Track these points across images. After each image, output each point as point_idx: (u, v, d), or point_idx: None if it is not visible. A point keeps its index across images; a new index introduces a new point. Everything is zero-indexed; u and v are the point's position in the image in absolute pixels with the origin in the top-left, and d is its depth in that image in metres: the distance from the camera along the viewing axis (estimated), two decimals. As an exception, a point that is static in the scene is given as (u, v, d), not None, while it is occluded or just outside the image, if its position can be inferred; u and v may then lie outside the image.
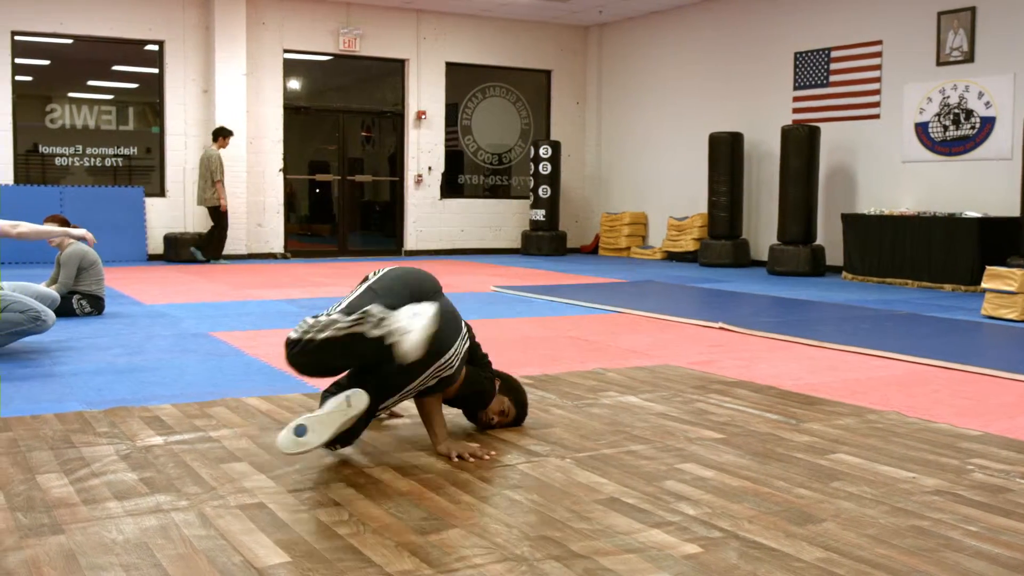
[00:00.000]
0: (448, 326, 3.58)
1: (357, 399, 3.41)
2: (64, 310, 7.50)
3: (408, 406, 4.30)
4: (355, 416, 3.41)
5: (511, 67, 16.47)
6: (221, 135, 13.43)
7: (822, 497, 3.20)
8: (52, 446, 3.73)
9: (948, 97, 11.46)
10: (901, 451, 3.80)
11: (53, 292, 6.83)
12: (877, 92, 12.29)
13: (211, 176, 13.16)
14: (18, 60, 13.18)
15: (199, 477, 3.35)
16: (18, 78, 13.22)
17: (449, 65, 15.88)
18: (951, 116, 11.43)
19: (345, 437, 3.50)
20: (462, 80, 16.16)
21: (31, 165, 13.49)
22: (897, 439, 3.99)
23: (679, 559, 2.64)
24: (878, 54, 12.25)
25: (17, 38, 13.13)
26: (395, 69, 15.65)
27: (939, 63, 11.56)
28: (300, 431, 3.34)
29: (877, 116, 12.30)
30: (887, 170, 12.18)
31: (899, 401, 4.80)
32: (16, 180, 13.11)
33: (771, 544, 2.76)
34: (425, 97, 15.68)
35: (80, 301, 7.59)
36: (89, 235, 6.73)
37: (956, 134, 11.39)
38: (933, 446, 3.88)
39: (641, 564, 2.60)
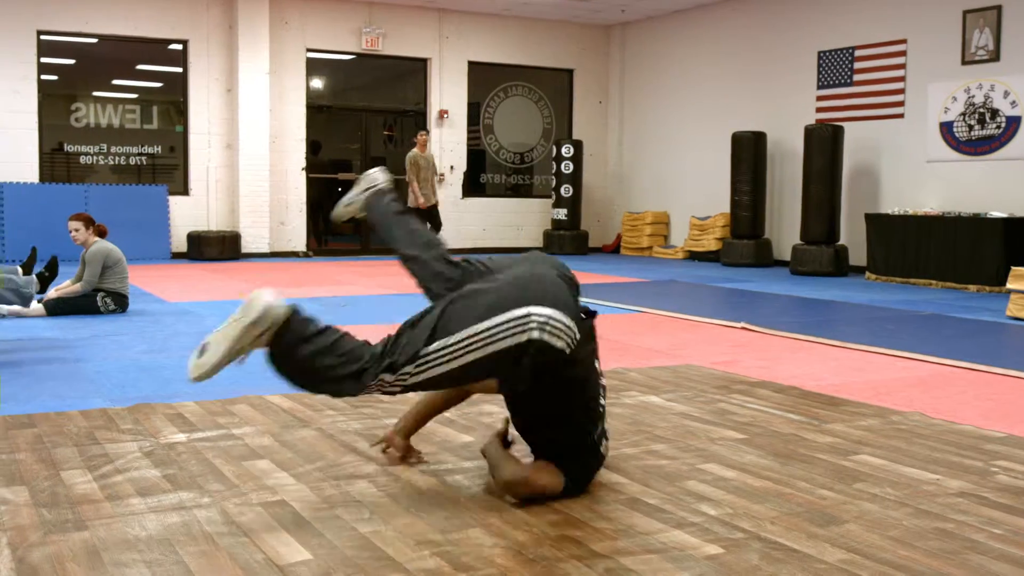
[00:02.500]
0: (509, 292, 2.95)
1: (256, 302, 2.97)
2: (88, 308, 7.55)
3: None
4: (250, 324, 2.97)
5: (533, 66, 16.46)
6: (416, 134, 13.53)
7: (845, 498, 3.18)
8: (76, 443, 3.76)
9: (973, 96, 11.37)
10: (925, 452, 3.77)
11: (31, 290, 6.68)
12: (901, 91, 12.21)
13: (435, 174, 13.46)
14: (44, 59, 13.28)
15: (221, 474, 3.37)
16: (44, 77, 13.31)
17: (471, 64, 15.88)
18: (976, 115, 11.34)
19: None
20: (484, 79, 16.16)
21: (56, 164, 13.58)
22: (921, 440, 3.96)
23: (701, 560, 2.64)
24: (902, 53, 12.17)
25: (43, 37, 13.22)
26: (417, 68, 15.67)
27: (964, 62, 11.48)
28: (201, 351, 3.07)
29: (901, 116, 12.22)
30: (911, 170, 12.10)
31: (923, 402, 4.77)
32: (41, 179, 13.20)
33: (793, 545, 2.75)
34: (447, 96, 15.70)
35: (104, 299, 7.64)
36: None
37: (981, 134, 11.31)
38: (957, 448, 3.85)
39: (663, 564, 2.60)
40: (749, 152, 13.50)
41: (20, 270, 6.76)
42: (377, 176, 3.70)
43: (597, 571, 2.54)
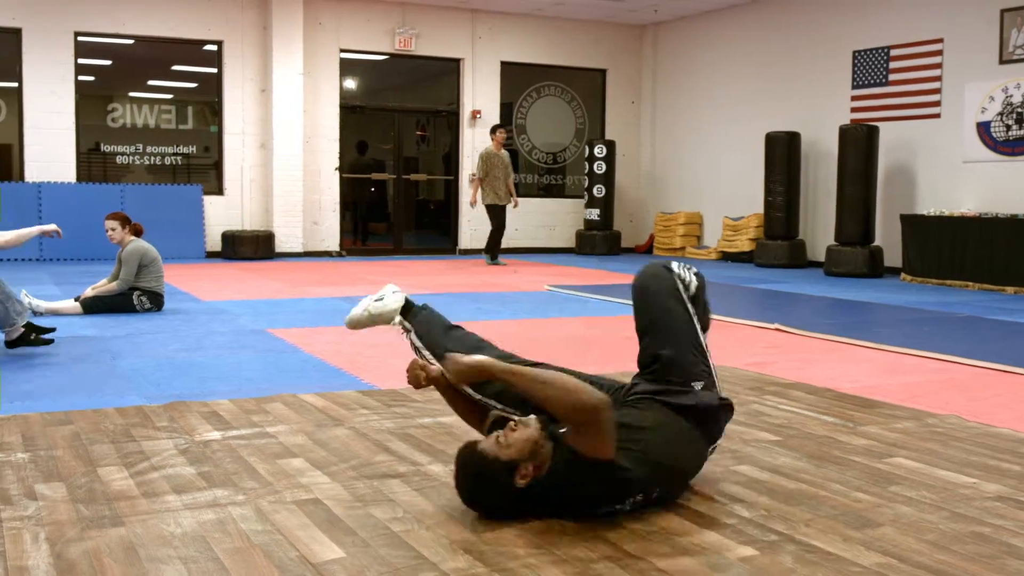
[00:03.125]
0: None
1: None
2: (124, 306, 7.62)
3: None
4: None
5: (566, 66, 16.44)
6: (492, 131, 13.57)
7: (880, 501, 3.15)
8: (113, 439, 3.80)
9: (1011, 96, 11.24)
10: (961, 456, 3.73)
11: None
12: (937, 91, 12.10)
13: (509, 175, 13.42)
14: (81, 60, 13.41)
15: (256, 472, 3.39)
16: (81, 78, 13.45)
17: (504, 64, 15.89)
18: (1014, 115, 11.21)
19: None
20: (517, 79, 16.16)
21: (93, 163, 13.72)
22: (957, 443, 3.92)
23: (734, 562, 2.63)
24: (939, 52, 12.06)
25: (80, 39, 13.36)
26: (450, 68, 15.69)
27: (1002, 61, 11.35)
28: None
29: (937, 115, 12.10)
30: (947, 170, 11.98)
31: (959, 405, 4.72)
32: (78, 178, 13.34)
33: (828, 548, 2.73)
34: (480, 96, 15.71)
35: (140, 297, 7.71)
36: (58, 229, 6.66)
37: (1019, 133, 11.18)
38: (994, 451, 3.81)
39: (696, 566, 2.59)
40: (783, 152, 13.42)
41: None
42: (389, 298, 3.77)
43: (630, 572, 2.53)
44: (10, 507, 2.98)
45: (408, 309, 3.68)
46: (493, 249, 13.44)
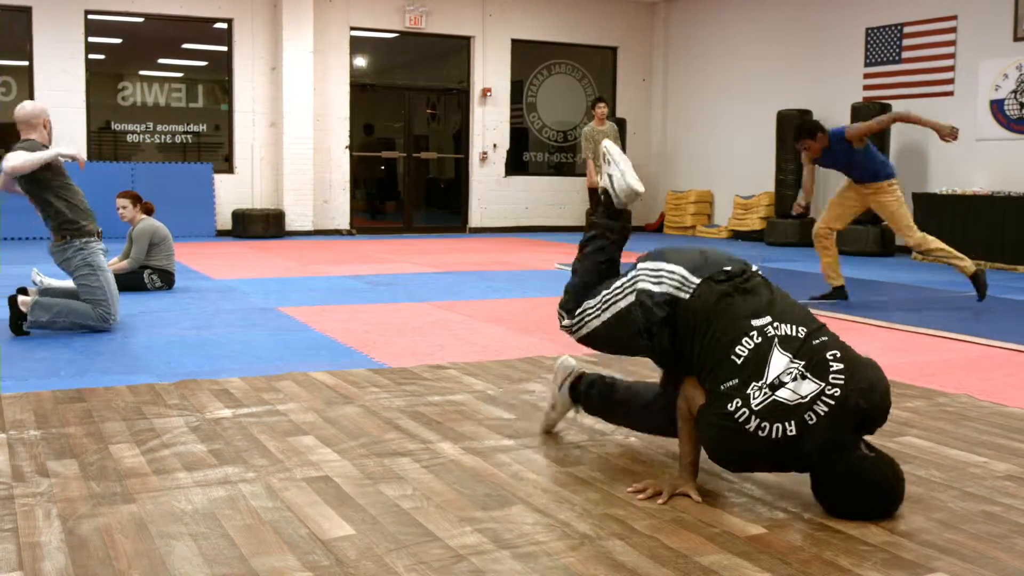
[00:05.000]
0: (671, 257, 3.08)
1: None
2: (135, 285, 7.64)
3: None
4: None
5: (577, 44, 16.37)
6: (592, 106, 12.69)
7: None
8: (124, 417, 3.81)
9: (1025, 74, 11.17)
10: (972, 435, 3.73)
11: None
12: (951, 69, 12.01)
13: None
14: (91, 39, 13.40)
15: (266, 450, 3.40)
16: (91, 56, 13.45)
17: (514, 42, 15.83)
18: (1028, 93, 11.14)
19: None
20: (527, 57, 16.10)
21: (103, 142, 13.74)
22: (968, 423, 3.91)
23: (743, 540, 2.63)
24: (952, 30, 11.97)
25: (91, 17, 13.35)
26: (461, 46, 15.64)
27: (1016, 39, 11.26)
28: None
29: (951, 93, 12.03)
30: (960, 148, 11.89)
31: (971, 384, 4.71)
32: (89, 157, 13.35)
33: (836, 527, 2.73)
34: (490, 74, 15.66)
35: (151, 276, 7.73)
36: (80, 156, 6.30)
37: (1033, 112, 11.11)
38: (1005, 430, 3.80)
39: (704, 544, 2.59)
40: (794, 130, 13.33)
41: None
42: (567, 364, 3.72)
43: (639, 550, 2.54)
44: (23, 484, 3.00)
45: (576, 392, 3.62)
46: None
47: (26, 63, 13.07)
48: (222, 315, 6.59)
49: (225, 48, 14.21)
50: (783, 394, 2.73)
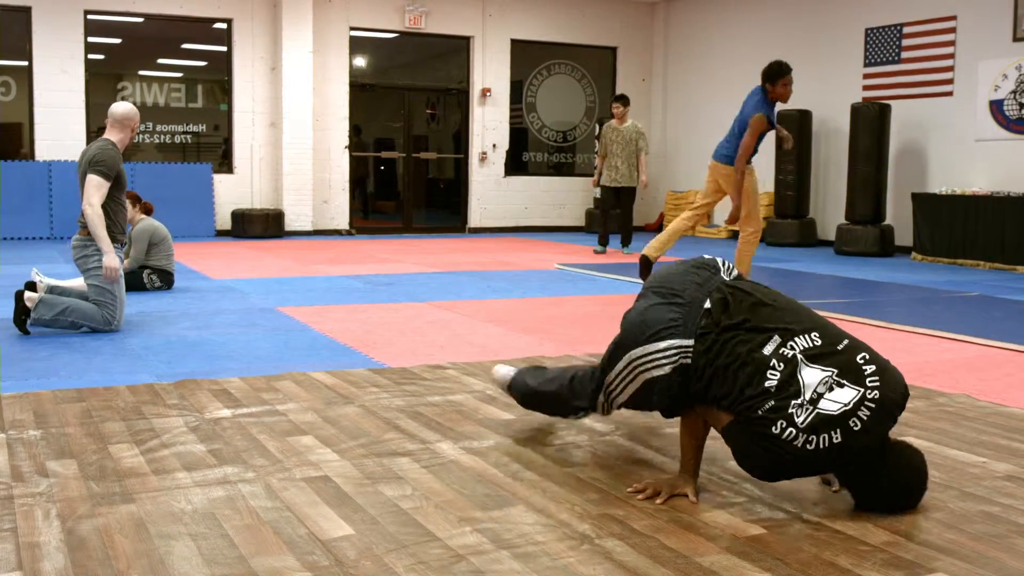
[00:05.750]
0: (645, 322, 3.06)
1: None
2: (135, 285, 7.64)
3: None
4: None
5: (576, 44, 16.37)
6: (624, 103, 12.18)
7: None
8: (124, 417, 3.81)
9: (1025, 74, 11.17)
10: (971, 435, 3.73)
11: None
12: (950, 69, 12.02)
13: (639, 150, 12.01)
14: (91, 39, 13.40)
15: (266, 450, 3.40)
16: (91, 56, 13.44)
17: (514, 42, 15.82)
18: (1028, 93, 11.15)
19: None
20: (527, 57, 16.10)
21: (103, 142, 13.71)
22: (967, 423, 3.92)
23: (743, 540, 2.63)
24: (952, 30, 11.97)
25: (90, 17, 13.34)
26: (460, 46, 15.64)
27: (1015, 39, 11.26)
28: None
29: (950, 93, 12.03)
30: (959, 149, 11.92)
31: (970, 384, 4.72)
32: (89, 156, 13.34)
33: (836, 526, 2.73)
34: (490, 74, 15.66)
35: (150, 276, 7.73)
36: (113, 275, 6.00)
37: (1033, 112, 11.11)
38: (1004, 430, 3.80)
39: (704, 544, 2.59)
40: (794, 130, 13.31)
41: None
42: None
43: (638, 550, 2.54)
44: (22, 484, 3.00)
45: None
46: (602, 237, 12.14)
47: (25, 63, 13.06)
48: (221, 315, 6.59)
49: (225, 48, 14.21)
50: (825, 406, 2.73)
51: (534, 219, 16.06)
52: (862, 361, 2.82)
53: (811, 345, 2.85)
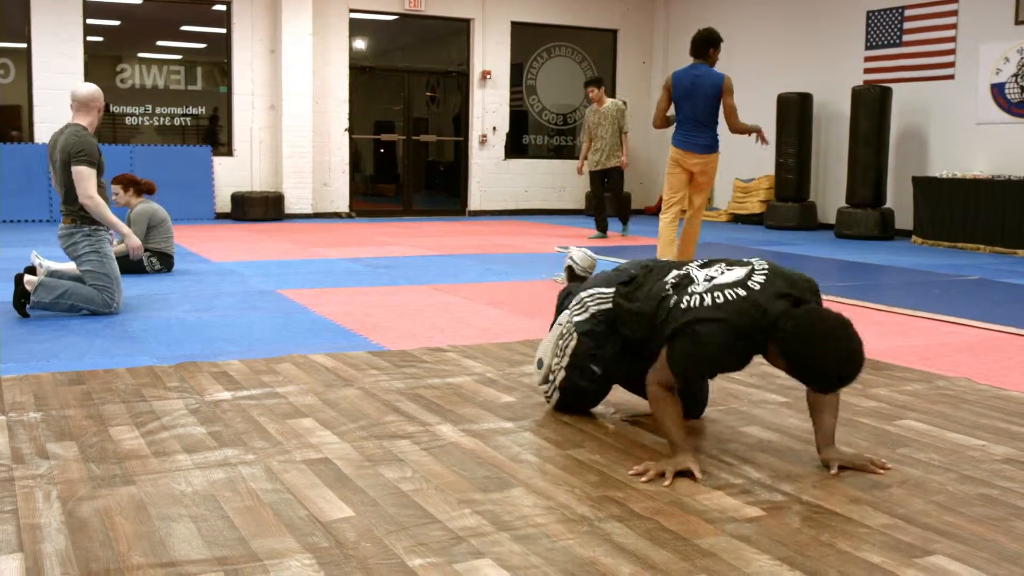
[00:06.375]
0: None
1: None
2: (134, 267, 7.64)
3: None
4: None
5: (577, 26, 16.31)
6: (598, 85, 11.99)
7: (888, 463, 3.16)
8: (124, 399, 3.82)
9: (1026, 57, 11.14)
10: (971, 418, 3.73)
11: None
12: (952, 52, 11.98)
13: (620, 130, 11.76)
14: (89, 21, 13.35)
15: (266, 432, 3.41)
16: (89, 39, 13.39)
17: (514, 24, 15.77)
18: (1029, 76, 11.12)
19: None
20: (527, 39, 16.04)
21: (102, 124, 13.62)
22: (967, 406, 3.92)
23: (742, 522, 2.64)
24: (953, 12, 11.93)
25: (89, -2, 13.31)
26: (460, 28, 15.59)
27: (1017, 22, 11.22)
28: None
29: (951, 77, 12.00)
30: (960, 132, 11.89)
31: (970, 368, 4.72)
32: (88, 139, 13.31)
33: (835, 509, 2.74)
34: (490, 57, 15.61)
35: (150, 259, 7.72)
36: (137, 253, 6.47)
37: (1034, 95, 11.08)
38: (1004, 414, 3.81)
39: (703, 526, 2.60)
40: (795, 114, 13.33)
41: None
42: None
43: (637, 532, 2.55)
44: (23, 466, 3.01)
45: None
46: (599, 223, 11.97)
47: (24, 45, 13.02)
48: (221, 298, 6.59)
49: (224, 30, 14.16)
50: (720, 280, 3.10)
51: (534, 202, 16.03)
52: (753, 261, 3.19)
53: (705, 263, 3.28)
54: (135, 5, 13.74)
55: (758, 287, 3.03)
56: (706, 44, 7.61)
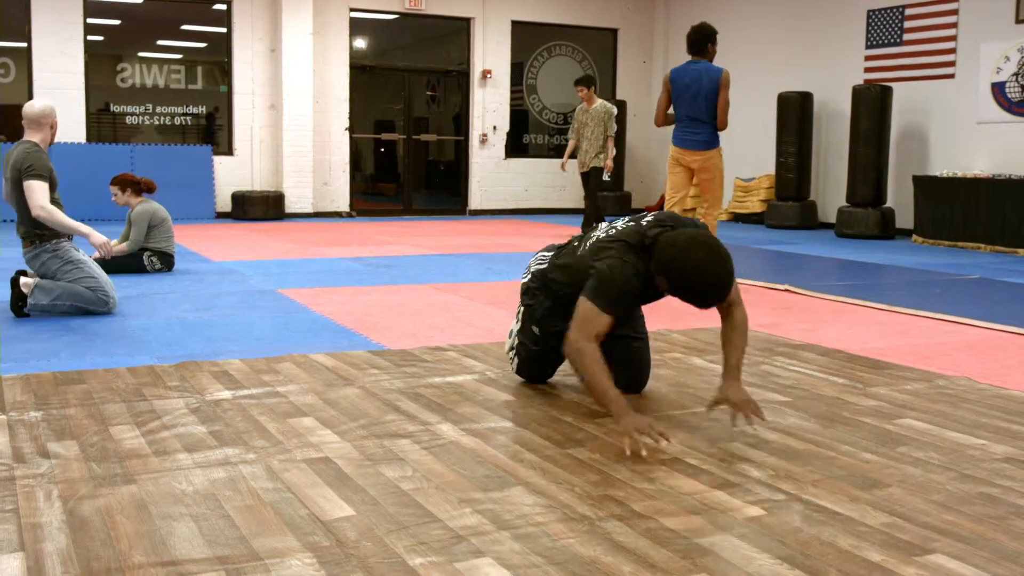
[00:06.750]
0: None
1: None
2: (135, 267, 7.64)
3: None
4: None
5: (577, 25, 16.31)
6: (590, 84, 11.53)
7: (888, 462, 3.16)
8: (124, 399, 3.82)
9: (1027, 56, 11.14)
10: (971, 417, 3.73)
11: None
12: (952, 51, 11.98)
13: (606, 131, 11.34)
14: (90, 20, 13.35)
15: (266, 431, 3.41)
16: (90, 38, 13.39)
17: (515, 23, 15.77)
18: (1030, 76, 11.12)
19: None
20: (527, 39, 16.05)
21: (103, 124, 13.70)
22: (967, 405, 3.92)
23: (742, 521, 2.64)
24: (954, 11, 11.92)
25: (89, -2, 13.31)
26: (461, 28, 15.59)
27: (1018, 21, 11.22)
28: None
29: (952, 76, 12.00)
30: (961, 131, 11.89)
31: (970, 367, 4.72)
32: (88, 139, 13.33)
33: (835, 508, 2.74)
34: (490, 56, 15.61)
35: (151, 258, 7.73)
36: (107, 248, 6.25)
37: (1034, 94, 11.08)
38: (1005, 413, 3.81)
39: (703, 525, 2.60)
40: (795, 113, 13.33)
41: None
42: None
43: (638, 531, 2.55)
44: (23, 465, 3.01)
45: None
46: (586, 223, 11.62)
47: (24, 44, 13.03)
48: (222, 297, 6.59)
49: (224, 30, 14.16)
50: (616, 224, 3.69)
51: (534, 201, 16.04)
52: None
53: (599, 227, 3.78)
54: (135, 4, 13.74)
55: (644, 222, 3.58)
56: (703, 40, 7.58)
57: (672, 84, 7.64)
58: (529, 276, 4.10)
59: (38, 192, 5.71)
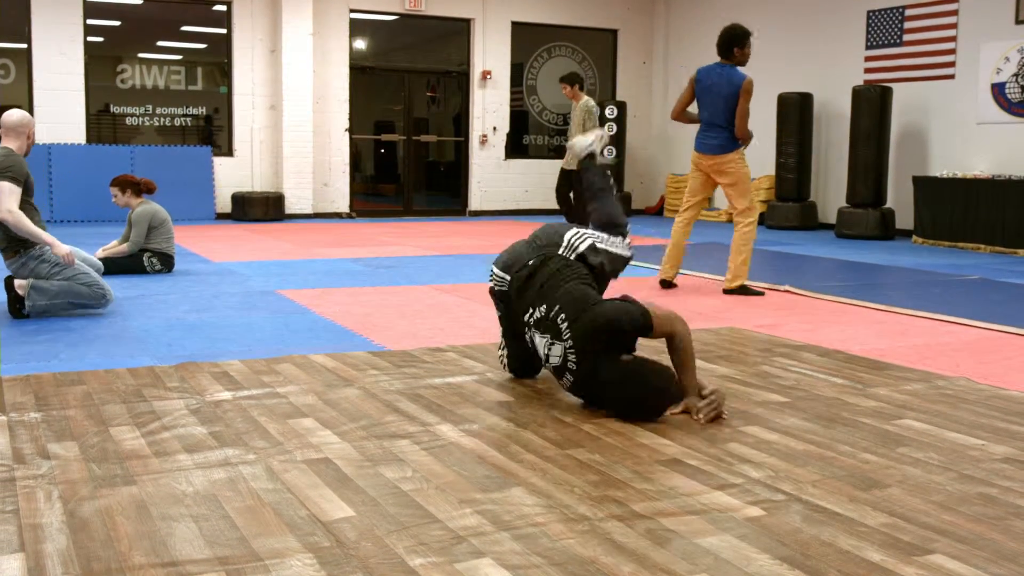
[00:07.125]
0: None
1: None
2: (135, 268, 7.65)
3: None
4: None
5: (577, 26, 16.32)
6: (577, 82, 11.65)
7: (888, 462, 3.16)
8: (124, 399, 3.82)
9: (1027, 56, 11.14)
10: (970, 418, 3.74)
11: (97, 261, 6.78)
12: (952, 52, 11.98)
13: (584, 128, 11.35)
14: (90, 21, 13.35)
15: (266, 432, 3.41)
16: (90, 39, 13.39)
17: (515, 24, 15.77)
18: (1029, 76, 11.12)
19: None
20: (527, 39, 16.05)
21: (103, 125, 13.70)
22: (966, 406, 3.92)
23: (741, 521, 2.64)
24: (954, 12, 11.93)
25: (89, -1, 13.32)
26: (460, 28, 15.59)
27: (1018, 21, 11.23)
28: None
29: (952, 76, 12.00)
30: (961, 132, 11.90)
31: (969, 367, 4.72)
32: (88, 140, 13.33)
33: (835, 508, 2.74)
34: (490, 57, 15.62)
35: (151, 259, 7.73)
36: (70, 259, 5.99)
37: (1034, 95, 11.08)
38: (1004, 413, 3.81)
39: (703, 526, 2.60)
40: (795, 113, 13.33)
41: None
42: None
43: (638, 531, 2.55)
44: (24, 466, 3.01)
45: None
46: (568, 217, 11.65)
47: (24, 45, 13.02)
48: (222, 298, 6.60)
49: (224, 30, 14.17)
50: (552, 361, 3.85)
51: (534, 202, 16.04)
52: (560, 321, 3.79)
53: (541, 316, 3.89)
54: (135, 5, 13.74)
55: (575, 367, 3.80)
56: (729, 43, 7.61)
57: (696, 84, 7.66)
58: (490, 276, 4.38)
59: (8, 195, 5.68)
